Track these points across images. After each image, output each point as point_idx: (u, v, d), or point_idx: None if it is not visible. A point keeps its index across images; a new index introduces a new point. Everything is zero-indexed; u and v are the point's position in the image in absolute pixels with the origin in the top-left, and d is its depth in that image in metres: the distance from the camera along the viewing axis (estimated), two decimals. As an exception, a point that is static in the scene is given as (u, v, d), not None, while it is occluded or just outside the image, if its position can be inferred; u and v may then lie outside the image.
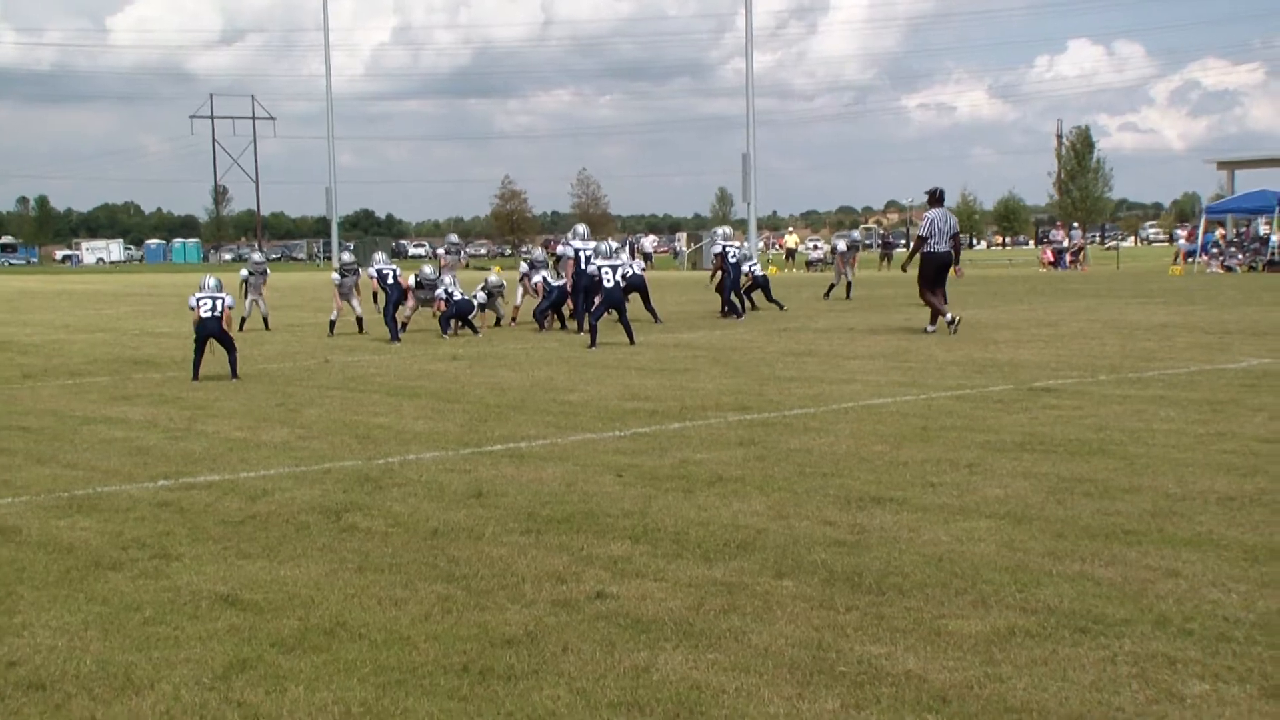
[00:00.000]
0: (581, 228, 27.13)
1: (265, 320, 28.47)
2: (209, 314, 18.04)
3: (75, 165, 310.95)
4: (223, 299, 18.28)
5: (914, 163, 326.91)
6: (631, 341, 22.02)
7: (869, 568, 7.29)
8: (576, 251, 25.49)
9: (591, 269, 23.70)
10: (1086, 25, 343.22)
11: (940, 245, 22.97)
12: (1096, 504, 8.73)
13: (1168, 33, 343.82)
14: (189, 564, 7.81)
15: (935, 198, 23.74)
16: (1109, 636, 6.02)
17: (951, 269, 23.24)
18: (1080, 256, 63.39)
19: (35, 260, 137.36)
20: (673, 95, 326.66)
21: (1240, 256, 50.37)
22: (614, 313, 22.68)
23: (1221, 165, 66.78)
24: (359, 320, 26.54)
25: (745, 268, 29.96)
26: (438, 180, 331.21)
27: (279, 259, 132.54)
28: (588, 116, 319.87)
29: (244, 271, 29.25)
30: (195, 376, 17.92)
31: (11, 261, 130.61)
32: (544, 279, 26.50)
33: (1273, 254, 50.35)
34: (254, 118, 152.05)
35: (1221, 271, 48.96)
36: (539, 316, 26.22)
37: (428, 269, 26.45)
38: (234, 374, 17.82)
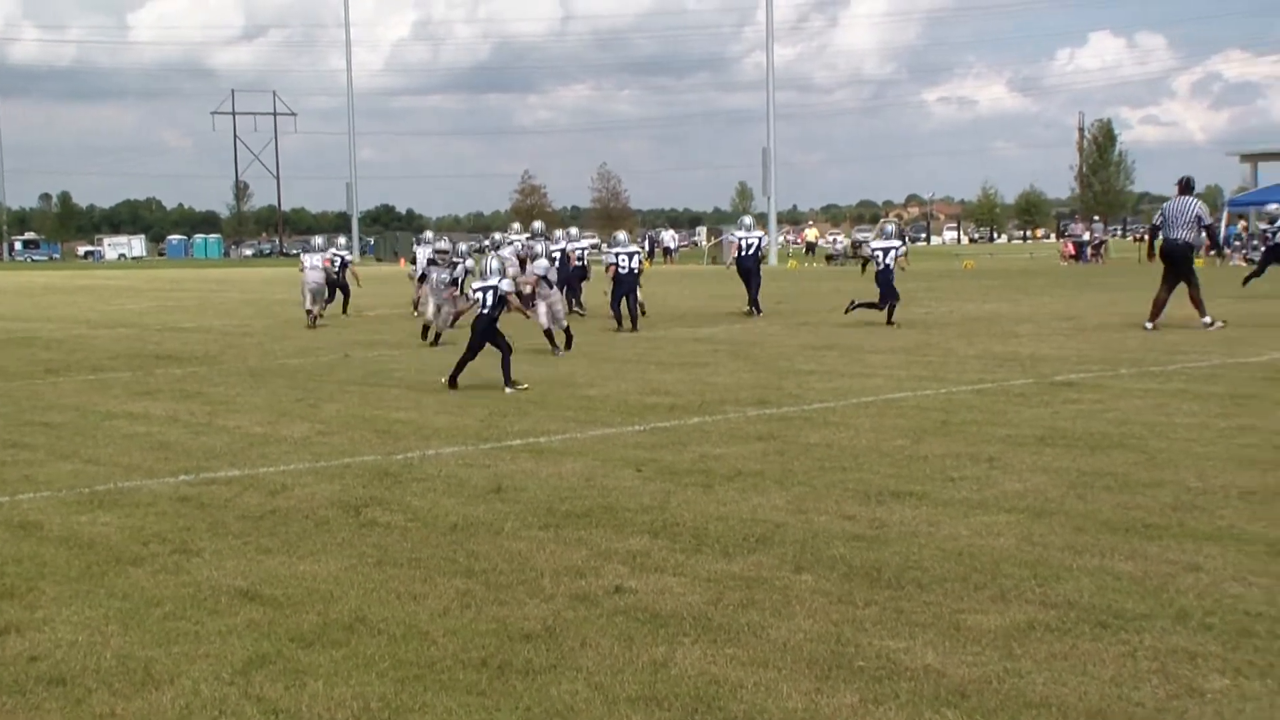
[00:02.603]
0: (538, 225, 29.82)
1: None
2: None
3: (97, 161, 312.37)
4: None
5: (935, 156, 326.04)
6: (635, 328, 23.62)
7: (888, 562, 7.28)
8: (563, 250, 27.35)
9: (608, 259, 24.95)
10: (1107, 17, 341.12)
11: (1172, 233, 21.38)
12: (1117, 498, 8.70)
13: (1190, 25, 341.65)
14: (209, 559, 7.83)
15: (1182, 186, 22.25)
16: (1129, 631, 6.00)
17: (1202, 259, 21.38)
18: (1102, 250, 63.16)
19: (58, 256, 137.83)
20: (693, 89, 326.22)
21: (1243, 252, 50.14)
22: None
23: (1245, 158, 66.61)
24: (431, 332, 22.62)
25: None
26: (458, 175, 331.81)
27: (298, 255, 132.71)
28: (608, 111, 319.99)
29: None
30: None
31: (34, 257, 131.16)
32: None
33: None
34: (275, 113, 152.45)
35: (1244, 264, 48.73)
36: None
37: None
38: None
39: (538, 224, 31.32)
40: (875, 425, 11.94)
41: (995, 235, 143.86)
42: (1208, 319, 20.81)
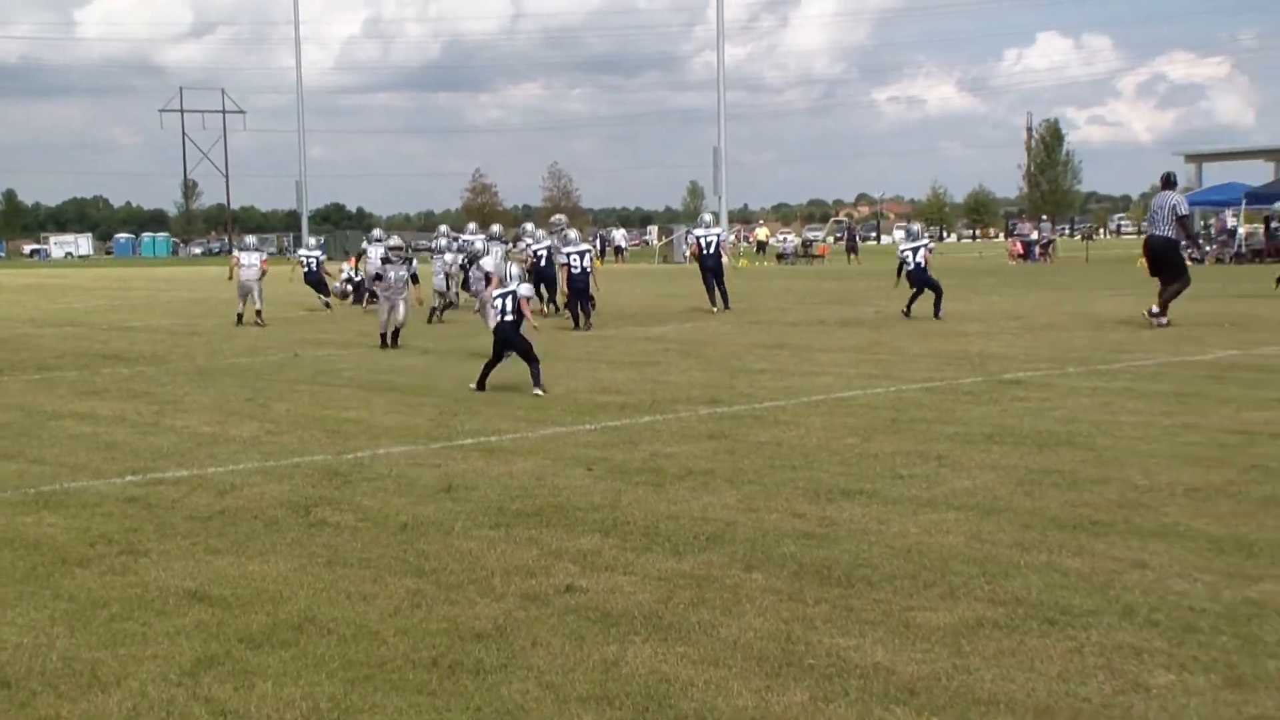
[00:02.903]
0: (496, 227, 30.93)
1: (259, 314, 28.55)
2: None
3: (43, 159, 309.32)
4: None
5: (885, 156, 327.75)
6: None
7: (838, 560, 7.31)
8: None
9: (560, 259, 25.55)
10: (1055, 18, 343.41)
11: (1155, 229, 21.85)
12: (1064, 495, 8.77)
13: (1135, 26, 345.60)
14: (157, 560, 7.77)
15: (1164, 182, 22.75)
16: (1076, 627, 6.05)
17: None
18: (1050, 249, 63.62)
19: (3, 254, 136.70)
20: (643, 88, 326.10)
21: (1209, 249, 50.61)
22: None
23: (1190, 158, 67.15)
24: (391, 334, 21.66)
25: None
26: (409, 174, 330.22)
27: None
28: (558, 110, 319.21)
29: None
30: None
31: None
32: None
33: (1240, 246, 50.68)
34: (224, 111, 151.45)
35: (1190, 264, 49.17)
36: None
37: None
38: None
39: (496, 227, 31.71)
40: (825, 424, 11.99)
41: (945, 234, 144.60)
42: (1164, 319, 20.90)
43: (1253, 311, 23.01)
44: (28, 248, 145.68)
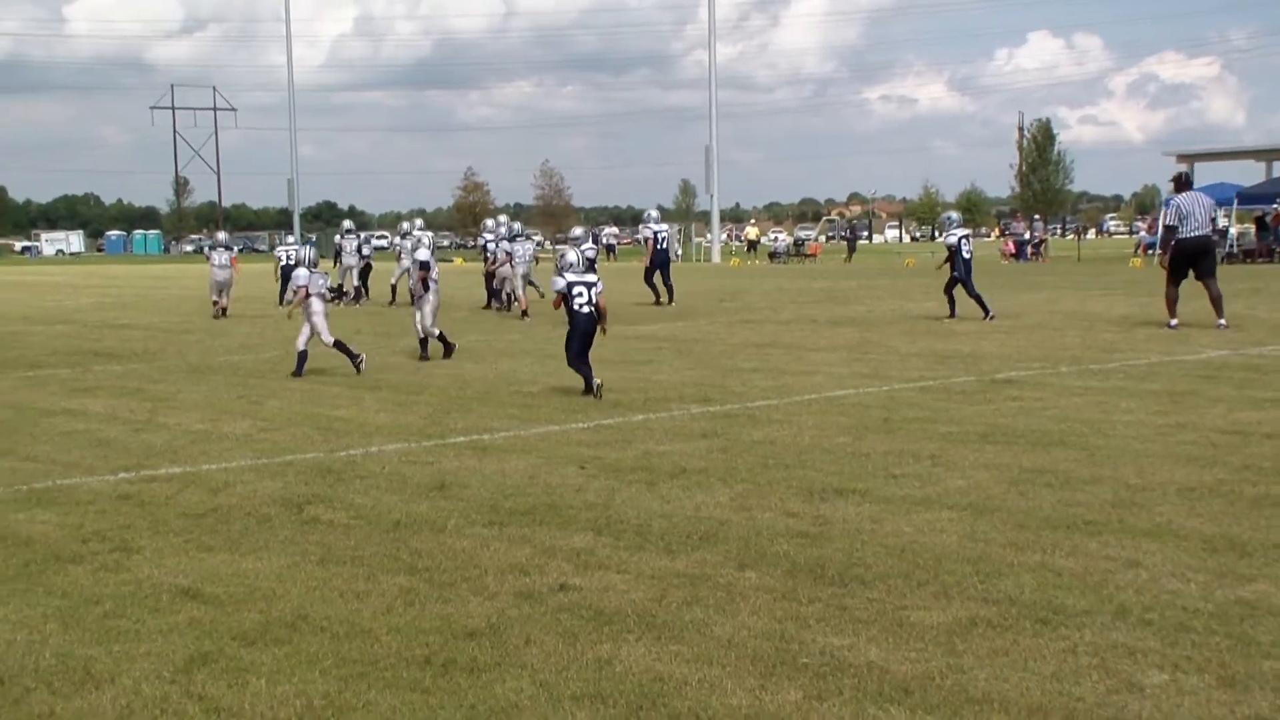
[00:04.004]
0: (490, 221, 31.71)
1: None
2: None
3: (34, 156, 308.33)
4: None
5: (876, 155, 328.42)
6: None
7: (832, 559, 7.31)
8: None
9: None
10: (1045, 18, 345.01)
11: (1196, 230, 20.97)
12: (1058, 495, 8.78)
13: (1125, 26, 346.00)
14: (150, 557, 7.76)
15: (1182, 181, 22.13)
16: (1070, 627, 6.06)
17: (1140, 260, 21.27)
18: (1042, 249, 63.68)
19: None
20: (634, 87, 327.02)
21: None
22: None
23: (1181, 158, 67.12)
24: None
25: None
26: (399, 171, 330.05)
27: (242, 250, 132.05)
28: (549, 108, 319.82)
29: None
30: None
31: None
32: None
33: (1233, 247, 50.72)
34: (215, 109, 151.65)
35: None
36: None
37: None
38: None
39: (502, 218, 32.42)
40: (818, 423, 11.99)
41: (937, 234, 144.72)
42: (1223, 320, 20.56)
43: (1245, 311, 23.03)
44: (18, 245, 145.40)
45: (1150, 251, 53.99)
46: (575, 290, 14.41)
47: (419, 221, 35.19)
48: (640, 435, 11.57)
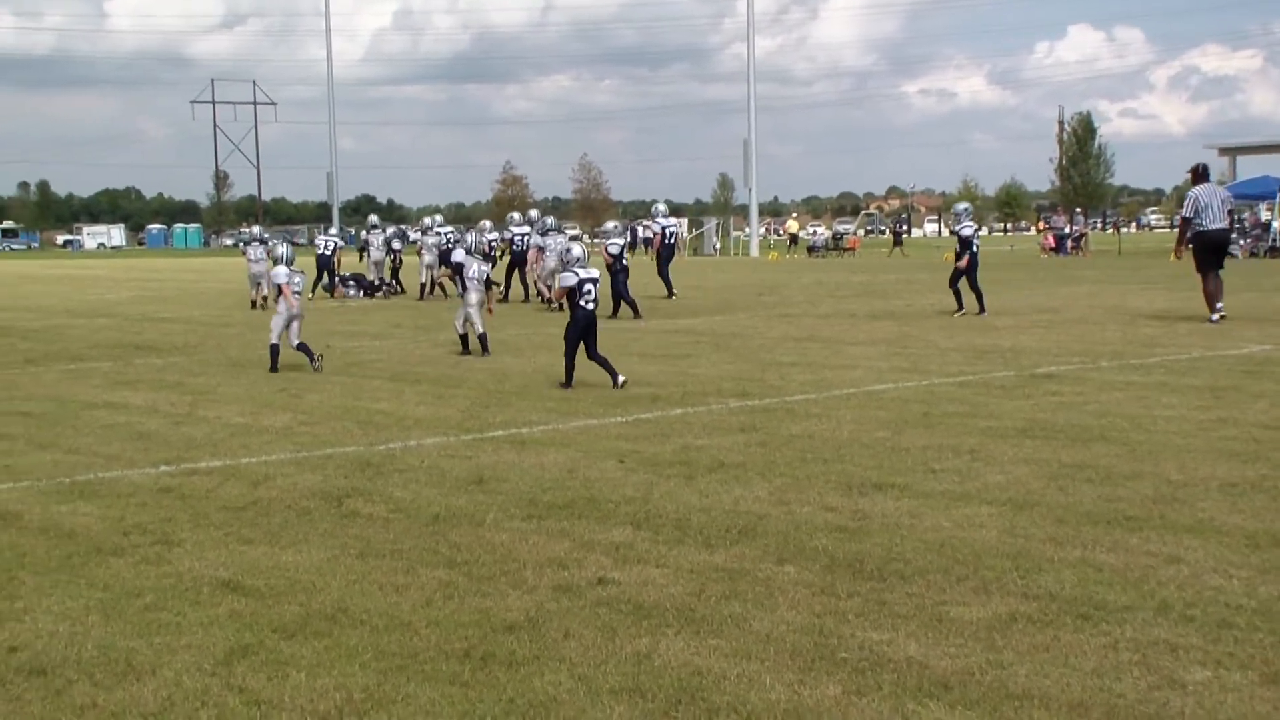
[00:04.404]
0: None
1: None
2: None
3: (76, 150, 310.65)
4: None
5: (915, 149, 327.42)
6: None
7: (870, 554, 7.29)
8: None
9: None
10: (1086, 11, 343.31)
11: (1215, 221, 21.21)
12: (1098, 490, 8.73)
13: (1166, 19, 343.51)
14: (190, 550, 7.80)
15: (1199, 173, 22.06)
16: (1110, 623, 6.02)
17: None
18: (1082, 243, 63.30)
19: (36, 245, 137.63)
20: (672, 80, 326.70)
21: (1243, 243, 50.26)
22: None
23: (1223, 151, 66.64)
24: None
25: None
26: (438, 165, 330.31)
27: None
28: (587, 102, 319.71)
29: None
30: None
31: (13, 246, 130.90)
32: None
33: (1274, 240, 50.31)
34: (255, 103, 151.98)
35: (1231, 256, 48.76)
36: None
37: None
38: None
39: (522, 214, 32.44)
40: (857, 417, 11.95)
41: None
42: (1215, 316, 20.66)
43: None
44: (61, 239, 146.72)
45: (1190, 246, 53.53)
46: (585, 287, 14.54)
47: (439, 218, 35.47)
48: (679, 429, 11.56)
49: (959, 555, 7.22)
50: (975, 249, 23.41)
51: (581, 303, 14.52)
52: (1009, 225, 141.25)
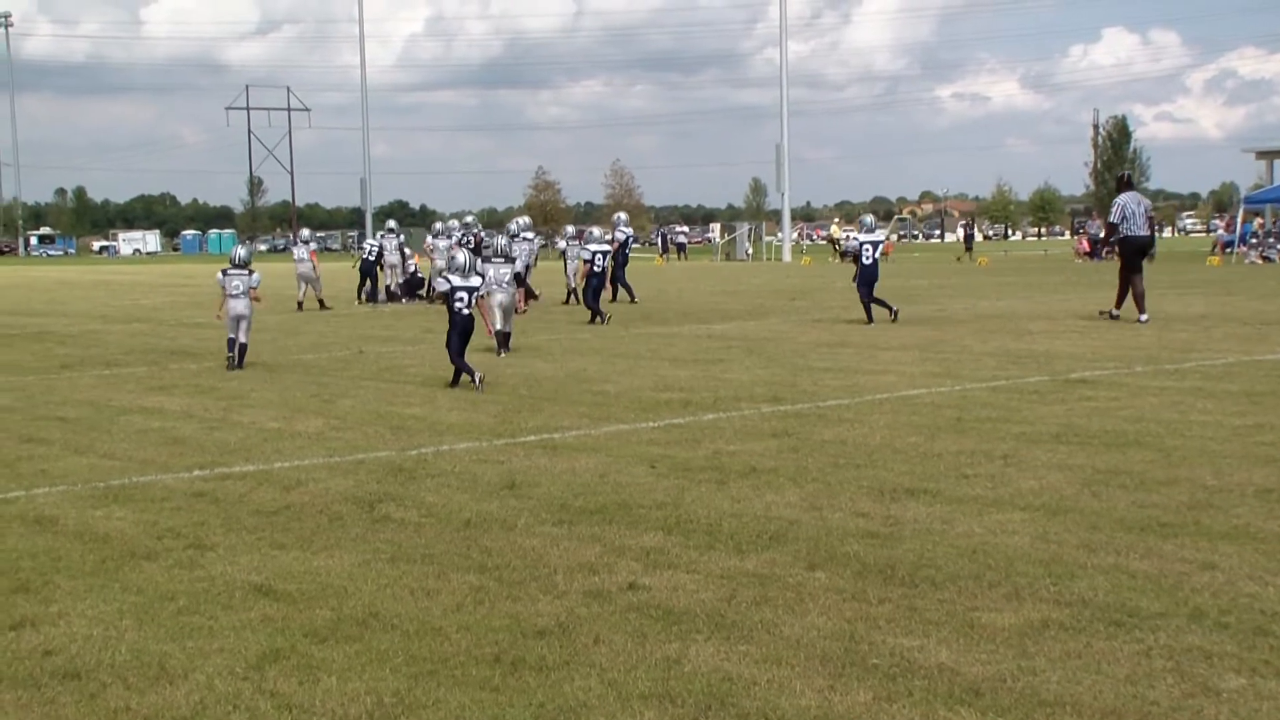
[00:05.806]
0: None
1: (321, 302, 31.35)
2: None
3: (111, 156, 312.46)
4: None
5: (948, 153, 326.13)
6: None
7: (902, 560, 7.27)
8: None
9: (583, 254, 26.25)
10: (1121, 14, 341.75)
11: (1139, 229, 22.85)
12: (1132, 496, 8.68)
13: (1202, 22, 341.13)
14: (223, 554, 7.84)
15: (1124, 181, 24.25)
16: (1144, 630, 5.98)
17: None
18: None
19: (73, 251, 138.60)
20: (704, 86, 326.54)
21: (1278, 248, 49.95)
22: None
23: (1260, 155, 66.27)
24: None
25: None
26: (471, 171, 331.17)
27: (319, 250, 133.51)
28: (619, 107, 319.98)
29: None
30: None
31: (49, 252, 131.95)
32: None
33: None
34: (289, 109, 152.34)
35: (1260, 262, 48.56)
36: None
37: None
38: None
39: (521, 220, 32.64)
40: (889, 422, 11.92)
41: (1010, 232, 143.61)
42: (1116, 312, 22.59)
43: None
44: (97, 244, 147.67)
45: (1228, 250, 53.31)
46: (457, 295, 15.62)
47: (454, 223, 35.43)
48: (710, 434, 11.55)
49: (991, 561, 7.19)
50: (866, 261, 23.40)
51: (457, 308, 15.57)
52: (1042, 230, 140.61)
